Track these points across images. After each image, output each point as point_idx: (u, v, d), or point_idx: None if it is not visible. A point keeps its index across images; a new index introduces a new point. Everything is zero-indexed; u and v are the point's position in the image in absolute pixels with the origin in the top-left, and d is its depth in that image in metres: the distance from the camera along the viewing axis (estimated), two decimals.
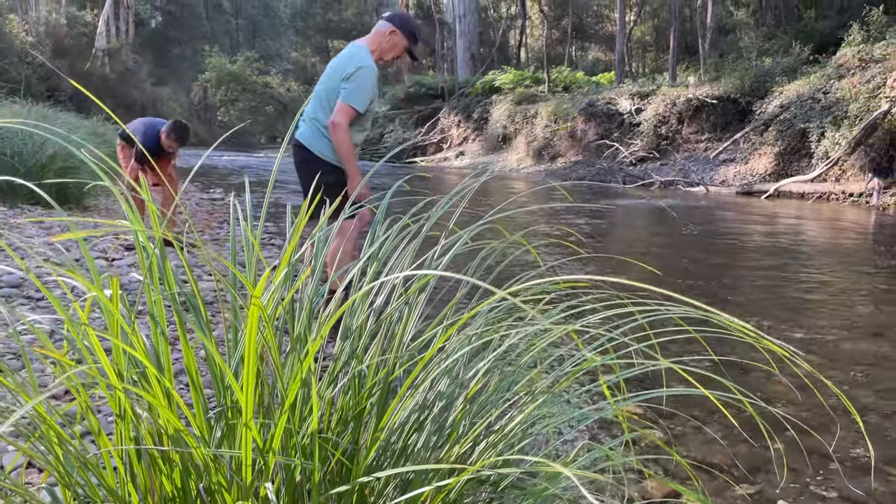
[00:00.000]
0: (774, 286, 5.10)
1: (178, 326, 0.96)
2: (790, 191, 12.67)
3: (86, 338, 0.97)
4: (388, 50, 3.50)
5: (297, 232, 1.03)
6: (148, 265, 0.97)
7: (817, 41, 17.64)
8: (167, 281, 1.04)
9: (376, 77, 3.45)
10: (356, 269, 1.12)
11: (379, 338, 1.06)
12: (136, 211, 1.20)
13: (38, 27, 32.36)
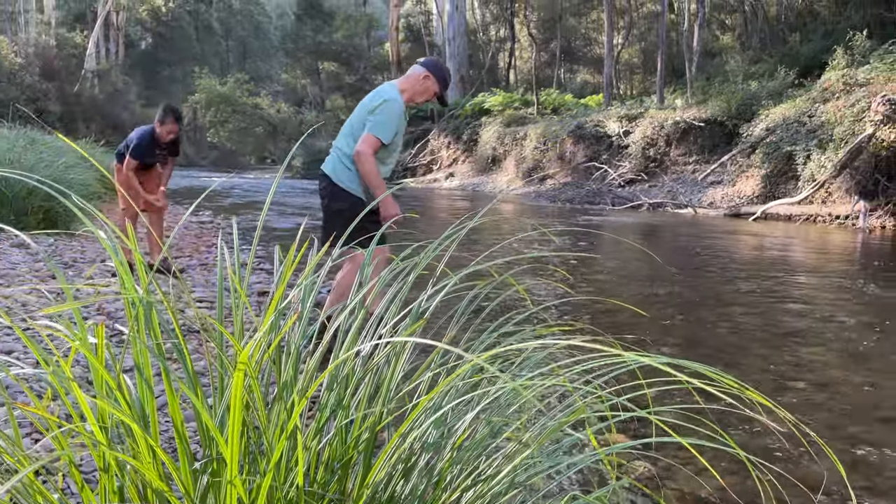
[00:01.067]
0: (762, 311, 5.12)
1: (163, 378, 0.95)
2: (777, 213, 12.77)
3: (70, 390, 0.96)
4: (420, 93, 3.67)
5: (285, 278, 1.03)
6: (135, 316, 0.96)
7: (802, 64, 17.89)
8: (153, 331, 1.03)
9: (402, 112, 3.57)
10: (344, 313, 1.12)
11: (366, 384, 1.05)
12: (129, 240, 1.19)
13: (28, 49, 32.37)
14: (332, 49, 38.66)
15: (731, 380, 0.98)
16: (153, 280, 1.01)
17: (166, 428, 2.33)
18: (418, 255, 1.30)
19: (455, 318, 1.29)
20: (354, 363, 1.04)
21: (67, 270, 5.15)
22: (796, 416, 2.92)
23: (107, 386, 0.98)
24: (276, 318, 1.01)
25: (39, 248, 5.84)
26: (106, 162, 12.79)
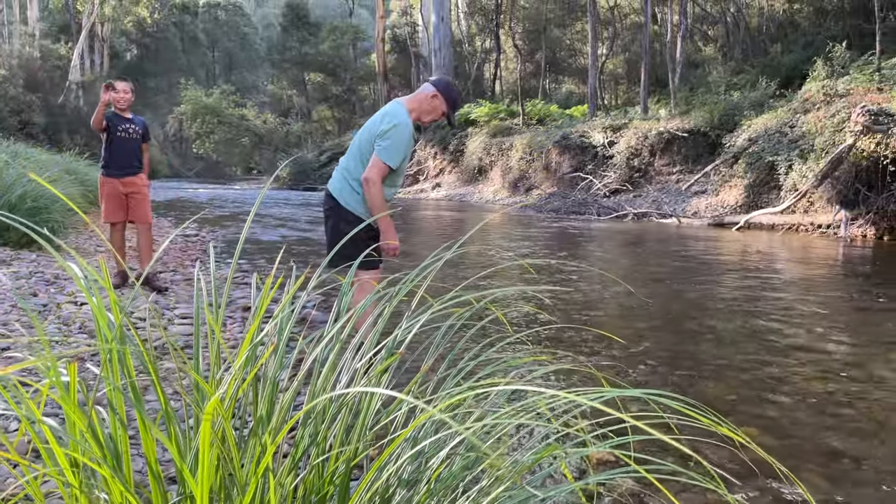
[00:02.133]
0: (745, 322, 5.16)
1: (137, 416, 0.95)
2: (760, 222, 12.89)
3: (41, 427, 0.95)
4: (427, 112, 3.63)
5: (262, 308, 1.03)
6: (108, 356, 0.96)
7: (783, 75, 18.13)
8: (126, 370, 1.03)
9: (411, 134, 3.55)
10: (319, 347, 1.12)
11: (342, 417, 1.06)
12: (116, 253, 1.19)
13: (11, 60, 32.16)
14: (319, 60, 38.72)
15: (702, 415, 0.99)
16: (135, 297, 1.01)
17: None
18: (398, 284, 1.30)
19: (434, 345, 1.30)
20: (329, 400, 1.04)
21: (49, 287, 5.11)
22: (777, 433, 2.94)
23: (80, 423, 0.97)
24: (251, 352, 1.01)
25: (22, 264, 5.78)
26: (91, 173, 12.74)
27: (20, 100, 29.13)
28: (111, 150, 5.43)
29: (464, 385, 1.09)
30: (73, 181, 9.66)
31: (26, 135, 26.17)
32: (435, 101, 3.61)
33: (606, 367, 3.91)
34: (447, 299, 1.27)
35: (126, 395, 1.02)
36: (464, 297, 1.33)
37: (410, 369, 1.30)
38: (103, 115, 5.23)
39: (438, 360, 1.35)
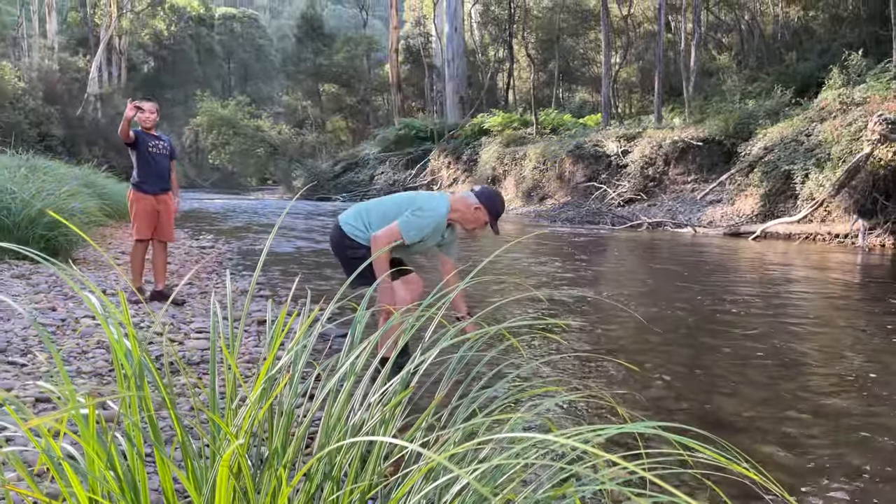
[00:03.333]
0: (762, 335, 5.11)
1: (156, 454, 0.96)
2: (777, 232, 12.79)
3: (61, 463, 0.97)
4: (470, 221, 3.74)
5: (276, 344, 1.04)
6: (126, 387, 0.97)
7: (799, 83, 18.02)
8: (145, 405, 1.04)
9: (438, 226, 3.67)
10: (336, 376, 1.13)
11: (356, 450, 1.06)
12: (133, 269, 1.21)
13: (31, 73, 32.65)
14: (333, 71, 38.97)
15: (716, 453, 0.99)
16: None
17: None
18: (416, 312, 1.31)
19: (448, 372, 1.30)
20: (345, 430, 1.05)
21: (68, 302, 5.16)
22: (796, 450, 2.91)
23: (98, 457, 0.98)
24: (266, 386, 1.02)
25: (41, 277, 5.85)
26: (109, 186, 12.88)
27: (39, 112, 29.55)
28: (146, 166, 5.47)
29: (477, 418, 1.09)
30: (91, 194, 9.77)
31: (45, 147, 26.51)
32: (478, 213, 3.71)
33: (620, 383, 3.89)
34: (461, 327, 1.27)
35: (144, 431, 1.03)
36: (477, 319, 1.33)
37: (426, 395, 1.30)
38: (129, 128, 5.28)
39: (454, 385, 1.35)
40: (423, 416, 1.13)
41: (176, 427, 0.97)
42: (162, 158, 5.56)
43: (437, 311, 1.25)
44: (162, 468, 0.98)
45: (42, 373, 3.44)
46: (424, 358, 1.14)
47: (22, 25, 39.30)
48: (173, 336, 4.44)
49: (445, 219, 3.68)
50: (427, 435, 1.15)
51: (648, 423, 1.08)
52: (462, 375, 1.29)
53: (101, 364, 3.70)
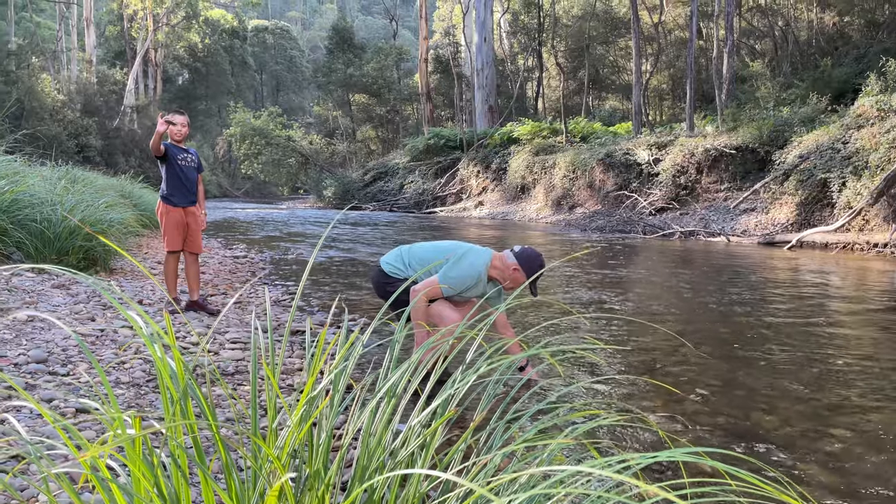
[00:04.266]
0: (799, 348, 5.01)
1: (200, 475, 0.98)
2: (813, 241, 12.55)
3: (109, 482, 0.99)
4: (507, 279, 3.85)
5: (316, 368, 1.05)
6: (172, 413, 0.99)
7: (834, 89, 17.71)
8: (188, 416, 1.06)
9: (478, 280, 3.80)
10: (376, 398, 1.14)
11: (395, 476, 1.06)
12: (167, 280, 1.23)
13: (70, 86, 33.49)
14: (363, 81, 39.31)
15: (759, 480, 0.97)
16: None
17: None
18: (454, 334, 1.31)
19: (487, 395, 1.30)
20: (384, 456, 1.05)
21: (106, 311, 5.26)
22: (838, 469, 2.85)
23: (144, 476, 1.00)
24: (307, 409, 1.03)
25: (80, 287, 5.98)
26: (145, 196, 13.14)
27: (78, 124, 30.27)
28: (175, 179, 5.55)
29: (516, 442, 1.09)
30: (128, 205, 9.98)
31: (83, 158, 27.15)
32: (516, 274, 3.82)
33: (656, 398, 3.85)
34: (501, 349, 1.27)
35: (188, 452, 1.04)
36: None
37: (468, 408, 1.30)
38: (160, 142, 5.38)
39: (494, 403, 1.35)
40: (462, 438, 1.13)
41: (221, 453, 0.98)
42: (190, 171, 5.65)
43: (477, 333, 1.25)
44: (206, 489, 0.99)
45: (82, 383, 3.51)
46: (465, 379, 1.14)
47: (61, 39, 40.34)
48: (208, 346, 4.50)
49: (485, 274, 3.81)
50: (466, 457, 1.15)
51: (690, 450, 1.06)
52: (501, 395, 1.28)
53: (139, 374, 3.77)
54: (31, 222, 6.60)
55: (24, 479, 2.29)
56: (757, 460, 1.20)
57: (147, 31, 39.63)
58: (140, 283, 6.87)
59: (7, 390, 3.22)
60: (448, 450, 1.24)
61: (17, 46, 32.10)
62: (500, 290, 4.02)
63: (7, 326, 4.37)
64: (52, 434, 2.82)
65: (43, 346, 4.06)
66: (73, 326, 4.66)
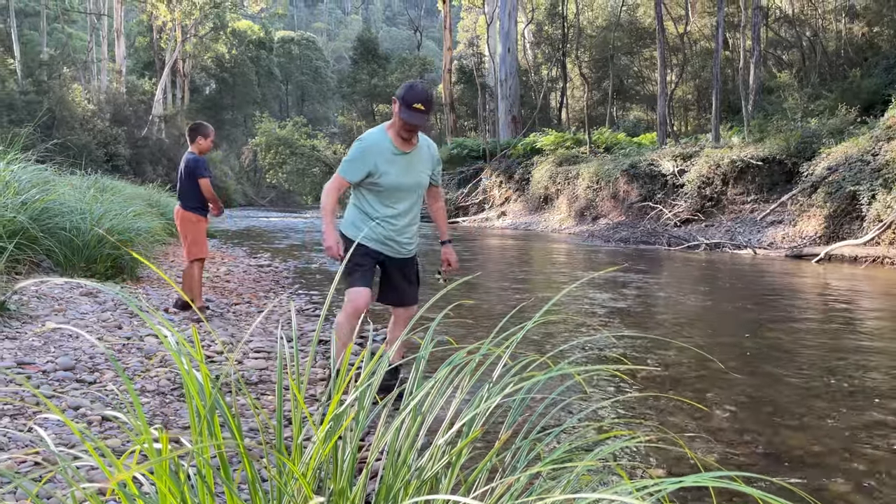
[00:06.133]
0: (829, 365, 4.92)
1: (226, 491, 0.98)
2: (842, 254, 12.35)
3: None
4: (395, 124, 3.53)
5: (341, 389, 1.05)
6: (199, 429, 0.99)
7: (863, 100, 17.45)
8: (214, 433, 1.06)
9: (369, 149, 3.54)
10: (400, 417, 1.13)
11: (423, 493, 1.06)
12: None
13: (100, 95, 34.10)
14: (387, 91, 39.53)
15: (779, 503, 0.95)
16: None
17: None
18: (475, 354, 1.30)
19: (511, 413, 1.29)
20: (409, 475, 1.05)
21: (133, 320, 5.33)
22: (869, 490, 2.78)
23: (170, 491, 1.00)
24: (332, 426, 1.03)
25: (108, 295, 6.06)
26: (171, 204, 13.29)
27: (107, 133, 30.78)
28: (202, 193, 5.81)
29: (541, 464, 1.08)
30: (155, 214, 10.11)
31: (112, 167, 27.57)
32: (394, 108, 3.48)
33: (682, 414, 3.79)
34: (525, 363, 1.26)
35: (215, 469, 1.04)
36: (539, 360, 1.32)
37: (495, 422, 1.29)
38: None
39: (520, 422, 1.34)
40: (487, 457, 1.12)
41: (248, 470, 0.98)
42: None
43: (504, 351, 1.24)
44: (230, 497, 0.99)
45: (108, 391, 3.55)
46: (491, 398, 1.13)
47: (92, 50, 41.13)
48: (232, 356, 4.53)
49: (377, 141, 3.55)
50: (491, 477, 1.14)
51: (719, 474, 1.04)
52: (527, 413, 1.27)
53: (164, 383, 3.80)
54: (61, 230, 6.70)
55: (48, 489, 2.32)
56: (783, 480, 1.17)
57: (175, 42, 40.26)
58: (166, 292, 6.95)
59: (33, 399, 3.26)
60: (472, 467, 1.23)
61: (49, 57, 32.79)
62: (433, 159, 3.76)
63: (36, 334, 4.44)
64: (77, 442, 2.85)
65: (71, 353, 4.11)
66: (100, 335, 4.72)
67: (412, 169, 3.63)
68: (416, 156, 3.64)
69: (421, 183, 3.71)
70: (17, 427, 2.93)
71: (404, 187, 3.63)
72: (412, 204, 3.72)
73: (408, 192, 3.67)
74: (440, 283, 3.85)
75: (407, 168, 3.60)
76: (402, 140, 3.55)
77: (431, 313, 1.75)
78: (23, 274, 6.13)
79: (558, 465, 1.07)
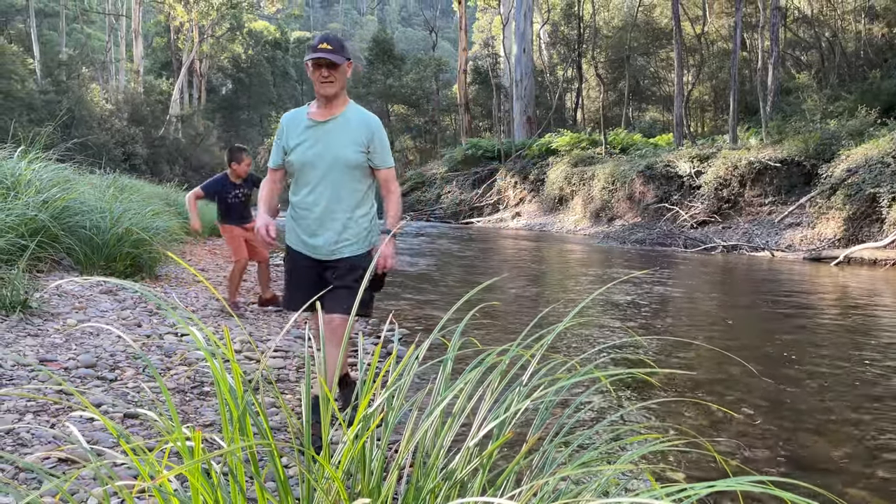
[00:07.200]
0: (849, 368, 4.87)
1: (256, 488, 0.98)
2: (862, 257, 12.22)
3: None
4: (314, 83, 3.00)
5: (369, 394, 1.05)
6: (230, 425, 1.00)
7: (883, 101, 17.27)
8: (247, 432, 1.06)
9: (281, 127, 3.12)
10: (430, 419, 1.13)
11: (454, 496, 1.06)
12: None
13: (118, 95, 34.41)
14: (402, 92, 39.61)
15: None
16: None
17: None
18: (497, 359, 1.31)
19: (539, 416, 1.29)
20: (437, 478, 1.05)
21: (152, 318, 5.37)
22: (890, 491, 2.75)
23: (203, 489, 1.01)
24: (361, 427, 1.03)
25: (127, 293, 6.11)
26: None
27: (125, 132, 31.05)
28: (227, 209, 6.20)
29: (569, 467, 1.07)
30: (172, 213, 10.18)
31: (130, 166, 27.82)
32: (307, 66, 2.98)
33: (703, 418, 3.77)
34: (553, 365, 1.26)
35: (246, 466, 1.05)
36: (568, 362, 1.32)
37: (520, 428, 1.29)
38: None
39: (547, 425, 1.34)
40: (515, 461, 1.12)
41: (279, 470, 0.99)
42: (240, 205, 6.25)
43: (533, 354, 1.24)
44: (260, 493, 1.00)
45: (130, 388, 3.58)
46: (521, 403, 1.13)
47: (110, 50, 41.53)
48: (251, 355, 4.56)
49: (300, 111, 3.10)
50: (519, 480, 1.13)
51: (750, 479, 1.04)
52: (554, 415, 1.27)
53: (184, 381, 3.83)
54: (81, 229, 6.76)
55: (74, 484, 2.34)
56: (805, 482, 1.17)
57: (192, 43, 40.55)
58: (185, 290, 7.00)
59: (54, 396, 3.30)
60: (500, 468, 1.23)
61: (68, 57, 33.13)
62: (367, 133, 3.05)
63: (57, 331, 4.49)
64: (101, 439, 2.88)
65: (92, 351, 4.15)
66: (121, 332, 4.76)
67: (328, 141, 2.98)
68: (339, 125, 3.01)
69: (343, 158, 2.98)
70: (40, 423, 2.97)
71: (316, 164, 2.98)
72: (334, 185, 3.01)
73: (322, 169, 2.99)
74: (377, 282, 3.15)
75: (320, 140, 2.99)
76: (321, 106, 3.02)
77: (454, 315, 1.76)
78: (44, 272, 6.21)
79: (587, 468, 1.07)
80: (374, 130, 3.07)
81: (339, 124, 3.01)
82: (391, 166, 3.19)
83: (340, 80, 2.98)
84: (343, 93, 3.08)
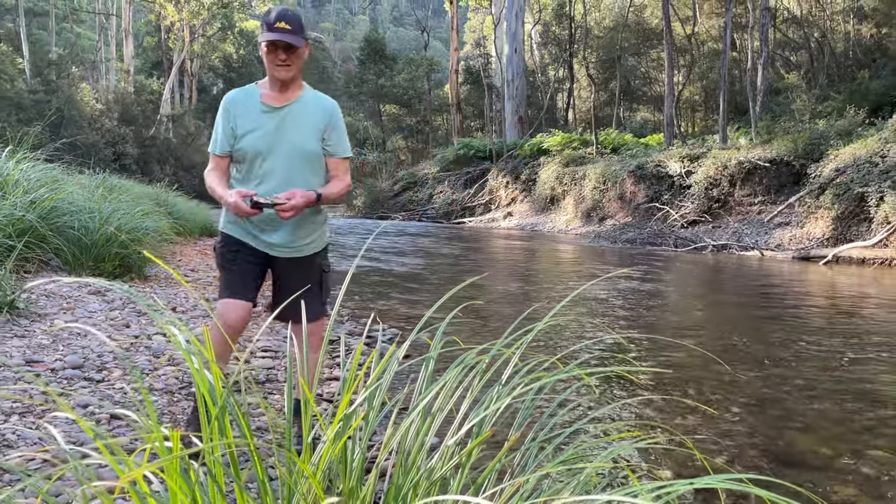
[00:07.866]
0: (837, 367, 4.91)
1: (236, 489, 0.98)
2: (850, 256, 12.30)
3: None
4: (266, 63, 2.73)
5: (351, 389, 1.05)
6: (210, 432, 1.00)
7: (872, 101, 17.39)
8: (225, 432, 1.06)
9: (225, 108, 2.79)
10: (410, 417, 1.13)
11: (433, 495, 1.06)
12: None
13: (108, 95, 34.24)
14: (394, 92, 39.58)
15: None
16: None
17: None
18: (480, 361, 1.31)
19: (520, 414, 1.29)
20: (418, 476, 1.05)
21: (140, 318, 5.35)
22: (877, 493, 2.77)
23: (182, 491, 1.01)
24: (342, 426, 1.03)
25: (116, 294, 6.09)
26: (179, 204, 13.34)
27: (115, 132, 30.90)
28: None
29: (551, 464, 1.08)
30: (163, 213, 10.14)
31: (120, 166, 27.69)
32: (261, 49, 2.72)
33: (689, 416, 3.79)
34: (534, 364, 1.26)
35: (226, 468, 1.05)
36: (548, 360, 1.32)
37: (503, 424, 1.30)
38: None
39: (529, 423, 1.34)
40: (496, 458, 1.12)
41: (259, 471, 0.99)
42: None
43: (514, 352, 1.25)
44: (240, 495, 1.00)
45: (117, 390, 3.57)
46: (501, 400, 1.13)
47: (101, 50, 41.32)
48: (239, 355, 4.55)
49: (250, 92, 2.80)
50: (500, 478, 1.14)
51: (729, 476, 1.04)
52: (536, 413, 1.27)
53: (172, 382, 3.82)
54: (70, 229, 6.72)
55: (57, 486, 2.33)
56: (792, 483, 1.18)
57: (183, 42, 40.40)
58: (173, 291, 6.97)
59: (41, 397, 3.28)
60: (482, 467, 1.23)
61: (58, 56, 32.95)
62: (326, 119, 2.84)
63: (44, 332, 4.46)
64: (86, 440, 2.86)
65: (79, 351, 4.13)
66: (109, 333, 4.74)
67: (286, 128, 2.76)
68: (296, 111, 2.78)
69: (300, 147, 2.78)
70: (25, 425, 2.95)
71: (270, 153, 2.75)
72: (289, 177, 2.76)
73: (276, 159, 2.75)
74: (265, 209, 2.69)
75: (278, 127, 2.75)
76: (275, 90, 2.77)
77: (439, 314, 1.76)
78: (31, 272, 6.17)
79: (568, 466, 1.07)
80: (331, 115, 2.87)
81: (296, 110, 2.78)
82: (348, 156, 2.98)
83: (298, 63, 2.73)
84: (299, 75, 2.82)
